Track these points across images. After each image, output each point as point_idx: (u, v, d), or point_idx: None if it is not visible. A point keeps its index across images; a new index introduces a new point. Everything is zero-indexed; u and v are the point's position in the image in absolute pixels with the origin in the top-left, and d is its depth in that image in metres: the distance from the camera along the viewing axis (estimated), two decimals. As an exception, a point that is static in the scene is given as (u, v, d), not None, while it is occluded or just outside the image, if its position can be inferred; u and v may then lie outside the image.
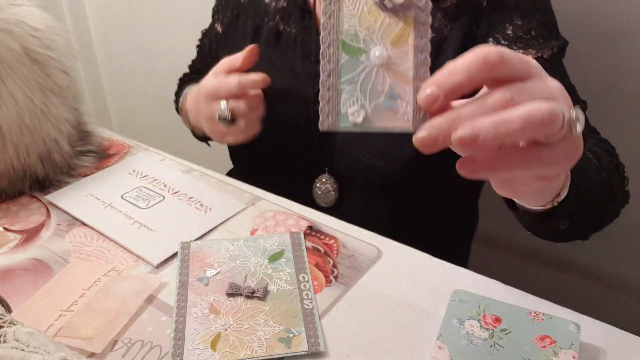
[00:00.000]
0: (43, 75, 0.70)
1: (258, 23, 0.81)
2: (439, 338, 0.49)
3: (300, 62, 0.77)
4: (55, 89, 0.71)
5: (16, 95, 0.66)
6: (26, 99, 0.67)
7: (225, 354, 0.49)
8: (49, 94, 0.70)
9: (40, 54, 0.69)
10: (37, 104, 0.68)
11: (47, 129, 0.70)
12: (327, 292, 0.56)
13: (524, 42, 0.69)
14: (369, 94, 0.38)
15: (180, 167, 0.78)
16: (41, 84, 0.69)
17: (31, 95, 0.68)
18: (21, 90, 0.67)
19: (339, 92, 0.38)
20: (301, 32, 0.77)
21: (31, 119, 0.68)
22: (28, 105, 0.68)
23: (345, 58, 0.38)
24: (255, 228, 0.66)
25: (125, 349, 0.50)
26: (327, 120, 0.38)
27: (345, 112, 0.38)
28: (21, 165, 0.70)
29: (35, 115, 0.68)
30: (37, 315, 0.53)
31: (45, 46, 0.70)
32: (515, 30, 0.69)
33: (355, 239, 0.63)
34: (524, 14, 0.69)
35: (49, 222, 0.68)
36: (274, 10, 0.80)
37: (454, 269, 0.58)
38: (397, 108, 0.38)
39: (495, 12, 0.69)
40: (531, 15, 0.69)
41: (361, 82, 0.38)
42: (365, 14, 0.37)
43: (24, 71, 0.68)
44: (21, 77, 0.67)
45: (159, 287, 0.57)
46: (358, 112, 0.38)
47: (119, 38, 1.69)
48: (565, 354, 0.47)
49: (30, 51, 0.68)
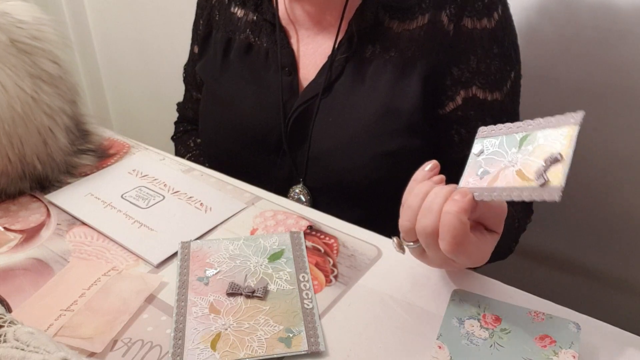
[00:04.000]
0: (32, 64, 0.69)
1: (229, 36, 0.81)
2: (439, 338, 0.49)
3: (272, 75, 0.77)
4: (45, 77, 0.70)
5: (5, 84, 0.66)
6: (16, 87, 0.67)
7: (225, 354, 0.49)
8: (39, 82, 0.69)
9: (27, 44, 0.69)
10: (27, 92, 0.68)
11: (41, 118, 0.70)
12: (327, 292, 0.56)
13: (484, 79, 0.72)
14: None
15: (180, 166, 0.78)
16: (30, 72, 0.69)
17: (21, 83, 0.67)
18: (10, 78, 0.66)
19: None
20: (272, 45, 0.78)
21: (23, 107, 0.67)
22: (19, 94, 0.67)
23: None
24: (255, 227, 0.66)
25: (126, 348, 0.50)
26: None
27: None
28: (17, 159, 0.69)
29: (27, 103, 0.68)
30: (37, 315, 0.53)
31: (32, 37, 0.70)
32: (479, 64, 0.71)
33: (355, 239, 0.63)
34: (485, 47, 0.71)
35: (49, 221, 0.68)
36: (245, 23, 0.80)
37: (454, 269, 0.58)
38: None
39: (461, 42, 0.71)
40: (490, 48, 0.71)
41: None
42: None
43: (12, 60, 0.67)
44: (9, 66, 0.67)
45: (159, 286, 0.57)
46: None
47: (119, 38, 1.69)
48: (565, 353, 0.47)
49: (17, 42, 0.68)
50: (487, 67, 0.71)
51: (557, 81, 0.99)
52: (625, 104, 0.95)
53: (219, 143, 0.83)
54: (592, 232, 1.08)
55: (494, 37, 0.71)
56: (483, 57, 0.71)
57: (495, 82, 0.72)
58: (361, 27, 0.72)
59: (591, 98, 0.98)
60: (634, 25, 0.89)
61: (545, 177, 0.43)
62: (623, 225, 1.04)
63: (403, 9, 0.71)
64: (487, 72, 0.72)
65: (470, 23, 0.70)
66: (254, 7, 0.80)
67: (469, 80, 0.72)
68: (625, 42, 0.91)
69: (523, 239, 0.79)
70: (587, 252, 1.11)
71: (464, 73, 0.71)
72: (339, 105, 0.73)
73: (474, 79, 0.72)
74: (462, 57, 0.71)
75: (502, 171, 0.47)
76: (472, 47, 0.71)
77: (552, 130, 0.45)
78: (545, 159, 0.44)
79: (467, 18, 0.70)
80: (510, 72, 0.74)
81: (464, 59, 0.71)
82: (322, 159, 0.74)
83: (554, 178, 0.42)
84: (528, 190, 0.44)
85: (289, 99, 0.76)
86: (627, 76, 0.93)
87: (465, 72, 0.71)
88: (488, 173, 0.48)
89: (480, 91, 0.72)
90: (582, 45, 0.94)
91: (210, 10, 0.85)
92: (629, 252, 1.06)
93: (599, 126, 0.99)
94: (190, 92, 0.96)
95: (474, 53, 0.71)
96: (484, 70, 0.71)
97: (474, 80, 0.72)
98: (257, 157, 0.79)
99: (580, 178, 1.04)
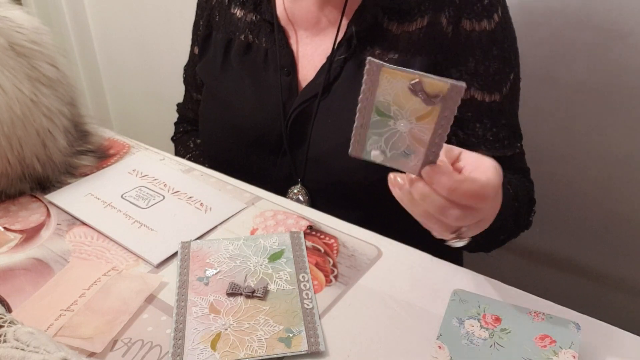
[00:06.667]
0: (30, 67, 0.69)
1: (230, 37, 0.81)
2: (439, 338, 0.49)
3: (272, 75, 0.77)
4: (44, 80, 0.71)
5: (4, 86, 0.66)
6: (15, 89, 0.67)
7: (225, 354, 0.49)
8: (37, 84, 0.70)
9: (26, 47, 0.69)
10: (26, 94, 0.68)
11: (40, 120, 0.70)
12: (327, 292, 0.56)
13: (482, 80, 0.72)
14: (390, 146, 0.47)
15: (180, 166, 0.78)
16: (29, 75, 0.69)
17: (19, 85, 0.67)
18: (9, 80, 0.67)
19: (367, 137, 0.47)
20: (271, 45, 0.78)
21: (22, 109, 0.68)
22: (18, 96, 0.67)
23: (376, 118, 0.46)
24: (255, 227, 0.66)
25: (126, 348, 0.50)
26: (355, 150, 0.48)
27: (369, 151, 0.48)
28: (17, 160, 0.69)
29: (26, 105, 0.68)
30: (37, 315, 0.53)
31: (31, 41, 0.70)
32: (477, 66, 0.71)
33: (355, 239, 0.63)
34: (484, 49, 0.71)
35: (49, 221, 0.68)
36: (244, 24, 0.80)
37: (454, 269, 0.58)
38: (410, 159, 0.47)
39: (459, 44, 0.71)
40: (489, 50, 0.71)
41: (385, 137, 0.46)
42: (399, 95, 0.43)
43: (11, 63, 0.67)
44: (8, 68, 0.67)
45: (159, 286, 0.57)
46: (379, 155, 0.47)
47: (119, 38, 1.69)
48: (566, 353, 0.47)
49: (16, 45, 0.68)
50: (485, 69, 0.71)
51: (557, 81, 0.99)
52: (625, 104, 0.95)
53: (219, 143, 0.83)
54: (592, 232, 1.08)
55: (494, 39, 0.71)
56: (482, 58, 0.71)
57: (494, 83, 0.72)
58: (360, 28, 0.72)
59: (591, 98, 0.98)
60: (634, 25, 0.89)
61: (436, 98, 0.43)
62: (623, 225, 1.04)
63: (402, 10, 0.71)
64: (485, 73, 0.72)
65: (469, 25, 0.70)
66: (252, 7, 0.80)
67: (468, 82, 0.71)
68: (625, 42, 0.91)
69: (523, 238, 0.79)
70: (587, 252, 1.11)
71: (462, 75, 0.71)
72: (338, 107, 0.73)
73: (472, 81, 0.72)
74: (461, 58, 0.71)
75: (406, 135, 0.46)
76: (471, 49, 0.71)
77: (386, 84, 0.44)
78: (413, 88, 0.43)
79: (466, 20, 0.70)
80: (510, 74, 0.74)
81: (462, 61, 0.71)
82: (321, 159, 0.74)
83: (441, 85, 0.42)
84: (440, 109, 0.43)
85: (288, 99, 0.76)
86: (627, 76, 0.93)
87: (464, 74, 0.71)
88: (404, 152, 0.47)
89: (478, 93, 0.72)
90: (582, 45, 0.94)
91: (210, 11, 0.85)
92: (629, 252, 1.06)
93: (599, 126, 0.99)
94: (190, 93, 0.96)
95: (472, 55, 0.71)
96: (483, 72, 0.71)
97: (472, 82, 0.72)
98: (257, 157, 0.79)
99: (580, 178, 1.04)
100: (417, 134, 0.45)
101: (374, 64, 0.43)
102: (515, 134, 0.77)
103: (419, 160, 0.47)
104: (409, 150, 0.46)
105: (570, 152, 1.03)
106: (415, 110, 0.44)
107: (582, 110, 0.98)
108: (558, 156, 1.04)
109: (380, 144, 0.47)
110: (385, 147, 0.47)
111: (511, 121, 0.76)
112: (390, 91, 0.44)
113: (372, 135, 0.47)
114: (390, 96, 0.44)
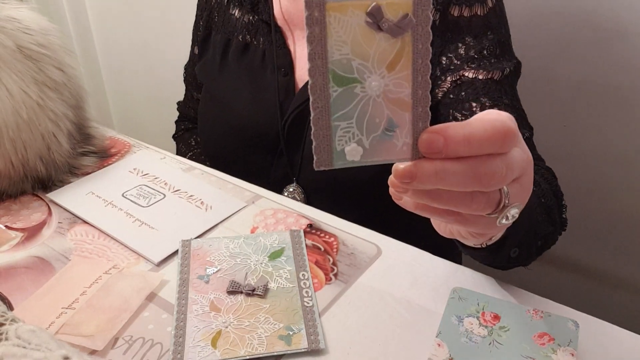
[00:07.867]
0: (37, 70, 0.70)
1: (228, 37, 0.82)
2: (439, 335, 0.50)
3: (269, 75, 0.78)
4: (50, 84, 0.71)
5: (11, 90, 0.66)
6: (22, 93, 0.67)
7: (226, 351, 0.49)
8: (44, 88, 0.70)
9: (33, 50, 0.70)
10: (33, 98, 0.68)
11: (45, 124, 0.70)
12: (327, 290, 0.56)
13: (476, 62, 0.69)
14: (366, 128, 0.34)
15: (180, 165, 0.79)
16: (36, 79, 0.69)
17: (27, 89, 0.68)
18: (16, 84, 0.67)
19: (333, 129, 0.34)
20: (269, 46, 0.78)
21: (28, 113, 0.68)
22: (24, 99, 0.68)
23: (338, 91, 0.33)
24: (255, 226, 0.66)
25: (127, 346, 0.51)
26: (322, 159, 0.34)
27: (342, 149, 0.34)
28: (20, 163, 0.70)
29: (32, 109, 0.68)
30: (39, 313, 0.53)
31: (38, 44, 0.70)
32: (468, 50, 0.69)
33: (354, 237, 0.63)
34: (476, 34, 0.69)
35: (50, 220, 0.68)
36: (242, 24, 0.81)
37: (453, 267, 0.59)
38: (396, 138, 0.35)
39: (447, 31, 0.69)
40: (484, 34, 0.69)
41: (357, 116, 0.34)
42: (358, 39, 0.33)
43: (18, 66, 0.68)
44: (15, 72, 0.67)
45: (160, 284, 0.57)
46: (355, 149, 0.34)
47: (120, 38, 1.69)
48: (564, 351, 0.47)
49: (24, 48, 0.69)
50: (478, 52, 0.69)
51: (557, 81, 0.99)
52: (624, 103, 0.95)
53: (217, 143, 0.83)
54: (591, 230, 1.08)
55: (488, 24, 0.69)
56: (474, 43, 0.69)
57: (490, 64, 0.69)
58: None
59: (591, 98, 0.98)
60: (634, 25, 0.89)
61: (404, 22, 0.32)
62: (622, 224, 1.04)
63: None
64: (479, 57, 0.69)
65: (457, 10, 0.69)
66: (250, 7, 0.80)
67: (457, 67, 0.70)
68: (625, 42, 0.91)
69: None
70: (586, 251, 1.11)
71: (452, 61, 0.70)
72: None
73: (462, 65, 0.69)
74: (450, 45, 0.70)
75: (381, 100, 0.34)
76: (460, 35, 0.69)
77: (337, 27, 0.32)
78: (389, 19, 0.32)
79: (454, 6, 0.69)
80: (510, 60, 0.71)
81: (452, 48, 0.70)
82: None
83: (403, 1, 0.32)
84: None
85: (285, 100, 0.76)
86: (627, 76, 0.93)
87: (454, 60, 0.70)
88: (385, 130, 0.35)
89: (470, 72, 0.69)
90: (582, 45, 0.95)
91: (209, 12, 0.85)
92: (628, 251, 1.06)
93: (599, 126, 0.99)
94: (191, 92, 0.96)
95: (462, 41, 0.69)
96: (475, 54, 0.69)
97: (462, 66, 0.69)
98: (254, 157, 0.80)
99: (580, 178, 1.05)
100: (394, 94, 0.34)
101: (314, 3, 0.31)
102: (521, 117, 0.71)
103: (407, 132, 0.35)
104: (391, 124, 0.34)
105: (569, 152, 1.03)
106: (384, 54, 0.33)
107: (582, 110, 0.99)
108: (557, 156, 1.04)
109: (353, 131, 0.34)
110: (360, 133, 0.34)
111: (515, 105, 0.71)
112: (344, 37, 0.32)
113: (338, 122, 0.34)
114: (347, 45, 0.32)
